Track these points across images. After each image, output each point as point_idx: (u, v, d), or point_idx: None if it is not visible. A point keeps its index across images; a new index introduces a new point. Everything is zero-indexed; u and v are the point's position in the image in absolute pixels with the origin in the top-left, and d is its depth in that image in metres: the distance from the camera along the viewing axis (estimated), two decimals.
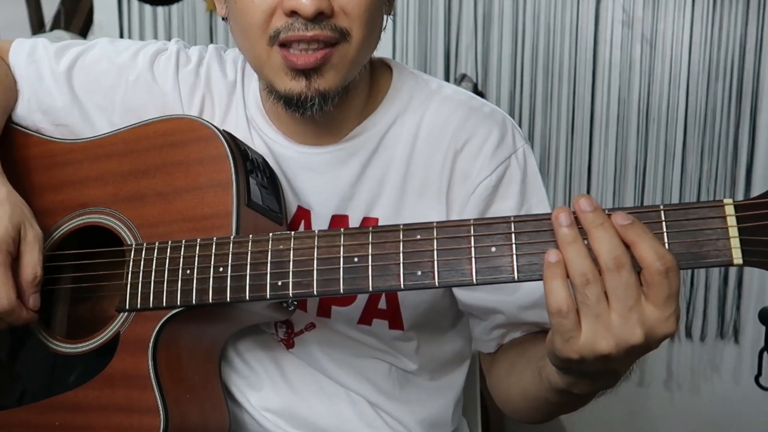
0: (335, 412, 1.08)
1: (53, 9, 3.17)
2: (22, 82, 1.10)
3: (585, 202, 0.70)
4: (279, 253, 0.83)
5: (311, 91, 0.91)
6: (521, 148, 1.03)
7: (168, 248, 0.90)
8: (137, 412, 0.89)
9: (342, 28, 0.90)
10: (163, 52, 1.10)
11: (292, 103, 0.93)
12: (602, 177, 2.49)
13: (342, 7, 0.89)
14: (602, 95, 2.46)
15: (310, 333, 1.07)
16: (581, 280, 0.68)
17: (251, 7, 0.90)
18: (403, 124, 1.03)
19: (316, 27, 0.88)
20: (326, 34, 0.89)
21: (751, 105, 2.36)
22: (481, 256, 0.74)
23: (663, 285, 0.67)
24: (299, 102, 0.92)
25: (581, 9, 2.45)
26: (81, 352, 0.94)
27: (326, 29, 0.89)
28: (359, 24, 0.91)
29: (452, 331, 1.15)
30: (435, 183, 1.01)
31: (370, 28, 0.93)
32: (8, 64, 1.11)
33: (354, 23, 0.90)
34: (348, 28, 0.90)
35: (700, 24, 2.37)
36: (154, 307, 0.89)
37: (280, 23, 0.89)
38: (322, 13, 0.88)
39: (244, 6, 0.91)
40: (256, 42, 0.92)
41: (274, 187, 0.99)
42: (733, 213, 0.68)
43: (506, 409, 1.02)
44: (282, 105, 0.95)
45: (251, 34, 0.92)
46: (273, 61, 0.92)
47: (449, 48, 2.55)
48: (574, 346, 0.69)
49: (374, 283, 0.78)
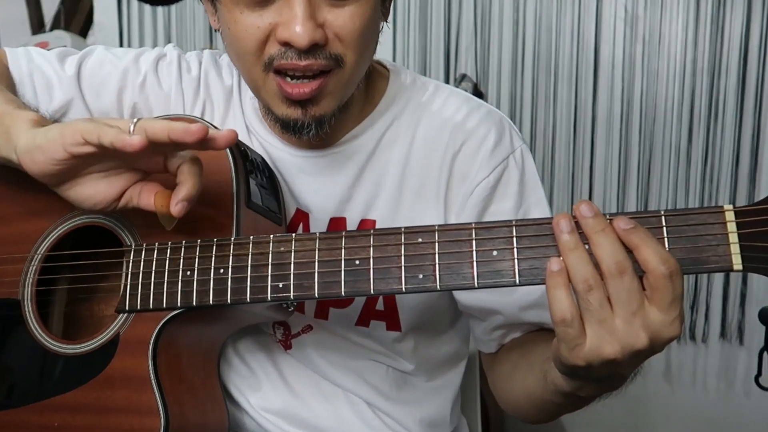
0: (334, 412, 1.08)
1: (53, 9, 3.17)
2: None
3: (586, 208, 0.70)
4: (280, 255, 0.83)
5: (307, 118, 0.92)
6: (519, 148, 1.03)
7: (168, 249, 0.90)
8: (137, 413, 0.89)
9: (336, 54, 0.89)
10: (164, 58, 1.10)
11: (289, 128, 0.94)
12: (605, 178, 2.48)
13: (336, 34, 0.89)
14: (604, 95, 2.45)
15: (307, 335, 1.07)
16: (584, 287, 0.68)
17: (245, 36, 0.89)
18: (400, 125, 1.03)
19: (310, 57, 0.88)
20: (320, 63, 0.88)
21: (755, 104, 2.35)
22: (482, 260, 0.74)
23: (667, 289, 0.67)
24: (296, 127, 0.93)
25: (582, 8, 2.45)
26: (81, 352, 0.94)
27: (320, 58, 0.88)
28: (353, 49, 0.90)
29: (450, 332, 1.15)
30: (433, 184, 1.02)
31: (364, 48, 0.92)
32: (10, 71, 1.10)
33: (348, 48, 0.90)
34: (342, 54, 0.90)
35: (703, 23, 2.36)
36: (154, 308, 0.89)
37: (273, 50, 0.89)
38: (316, 44, 0.87)
39: (237, 33, 0.90)
40: (251, 67, 0.92)
41: (273, 188, 0.99)
42: (733, 219, 0.68)
43: (509, 409, 1.03)
44: (279, 126, 0.96)
45: (246, 60, 0.92)
46: (269, 87, 0.92)
47: (449, 48, 2.56)
48: (580, 353, 0.69)
49: (375, 285, 0.78)
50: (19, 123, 0.87)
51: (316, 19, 0.86)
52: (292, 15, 0.85)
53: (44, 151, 0.81)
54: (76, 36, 2.96)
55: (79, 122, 0.81)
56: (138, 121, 0.79)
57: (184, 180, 0.81)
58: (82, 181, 0.85)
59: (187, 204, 0.81)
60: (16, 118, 0.88)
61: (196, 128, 0.75)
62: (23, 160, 0.84)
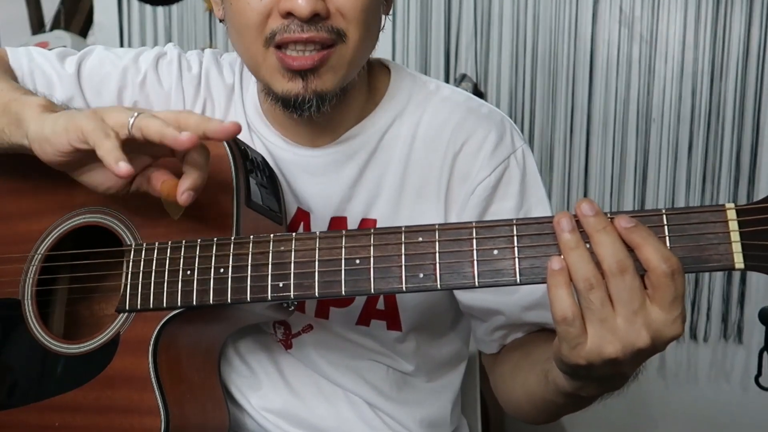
0: (335, 412, 1.08)
1: (53, 9, 3.17)
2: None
3: (587, 207, 0.70)
4: (280, 254, 0.83)
5: (308, 93, 0.91)
6: (520, 148, 1.03)
7: (168, 248, 0.89)
8: (137, 413, 0.89)
9: (338, 29, 0.90)
10: (164, 57, 1.10)
11: (290, 104, 0.93)
12: (601, 178, 2.49)
13: (338, 9, 0.89)
14: (601, 95, 2.46)
15: (307, 335, 1.07)
16: (585, 285, 0.68)
17: (247, 9, 0.90)
18: (401, 125, 1.03)
19: (311, 29, 0.88)
20: (322, 36, 0.89)
21: (754, 104, 2.35)
22: (483, 259, 0.74)
23: (669, 287, 0.67)
24: (296, 103, 0.92)
25: (580, 9, 2.45)
26: (81, 352, 0.94)
27: (322, 31, 0.89)
28: (356, 25, 0.91)
29: (451, 333, 1.15)
30: (434, 184, 1.02)
31: (366, 28, 0.93)
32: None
33: (350, 24, 0.91)
34: (344, 29, 0.90)
35: (702, 23, 2.36)
36: (154, 307, 0.89)
37: (276, 25, 0.90)
38: (317, 15, 0.88)
39: (239, 8, 0.91)
40: (252, 43, 0.92)
41: (273, 187, 0.99)
42: (735, 218, 0.68)
43: (510, 410, 1.02)
44: (279, 106, 0.95)
45: (247, 36, 0.92)
46: (269, 63, 0.92)
47: (449, 48, 2.55)
48: (581, 352, 0.69)
49: (376, 285, 0.78)
50: (28, 109, 0.87)
51: None
52: None
53: (51, 143, 0.82)
54: (76, 36, 2.95)
55: (83, 119, 0.81)
56: (138, 116, 0.79)
57: (190, 169, 0.81)
58: (94, 167, 0.85)
59: (194, 193, 0.81)
60: (24, 104, 0.88)
61: (186, 138, 0.76)
62: (34, 147, 0.85)
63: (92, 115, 0.82)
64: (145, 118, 0.79)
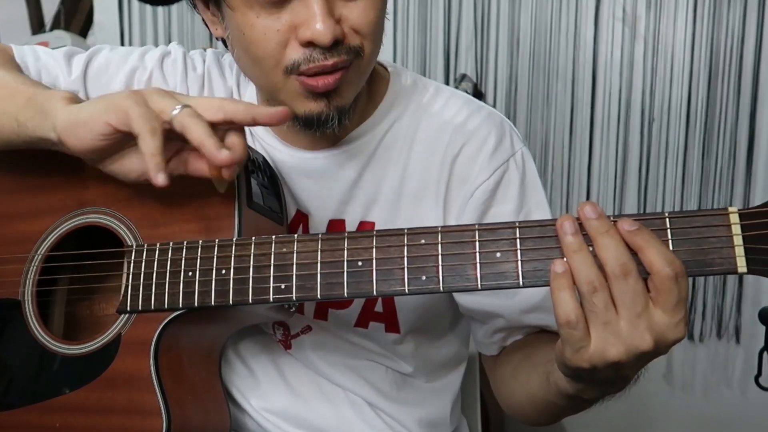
0: (335, 412, 1.08)
1: (53, 9, 3.16)
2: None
3: (590, 209, 0.70)
4: (282, 256, 0.83)
5: (332, 110, 0.91)
6: (519, 150, 1.03)
7: (169, 249, 0.89)
8: (139, 414, 0.89)
9: (355, 47, 0.89)
10: (168, 55, 1.10)
11: (313, 124, 0.92)
12: (603, 180, 2.48)
13: (353, 27, 0.89)
14: (602, 96, 2.45)
15: (306, 336, 1.07)
16: (588, 288, 0.68)
17: (263, 39, 0.88)
18: (400, 127, 1.03)
19: (334, 54, 0.87)
20: (344, 59, 0.88)
21: (750, 105, 2.35)
22: (485, 262, 0.74)
23: (672, 290, 0.67)
24: (320, 121, 0.92)
25: (580, 9, 2.44)
26: (82, 353, 0.94)
27: (343, 53, 0.88)
28: (371, 39, 0.91)
29: (450, 335, 1.15)
30: (432, 187, 1.01)
31: (379, 39, 0.93)
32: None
33: (366, 40, 0.90)
34: (360, 45, 0.90)
35: (701, 23, 2.36)
36: (155, 308, 0.89)
37: (296, 55, 0.88)
38: (336, 40, 0.87)
39: (254, 38, 0.88)
40: (269, 72, 0.91)
41: (274, 187, 0.99)
42: (737, 221, 0.68)
43: (511, 412, 1.02)
44: (299, 125, 0.94)
45: (264, 65, 0.90)
46: (290, 88, 0.91)
47: (449, 48, 2.55)
48: (585, 355, 0.69)
49: (378, 287, 0.78)
50: (53, 101, 0.86)
51: (333, 15, 0.86)
52: (310, 14, 0.85)
53: (89, 127, 0.80)
54: (76, 36, 2.95)
55: (126, 101, 0.79)
56: (182, 110, 0.78)
57: (233, 146, 0.81)
58: (127, 153, 0.84)
59: (237, 168, 0.81)
60: (50, 97, 0.87)
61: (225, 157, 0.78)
62: (64, 136, 0.83)
63: (135, 97, 0.80)
64: (189, 116, 0.78)
